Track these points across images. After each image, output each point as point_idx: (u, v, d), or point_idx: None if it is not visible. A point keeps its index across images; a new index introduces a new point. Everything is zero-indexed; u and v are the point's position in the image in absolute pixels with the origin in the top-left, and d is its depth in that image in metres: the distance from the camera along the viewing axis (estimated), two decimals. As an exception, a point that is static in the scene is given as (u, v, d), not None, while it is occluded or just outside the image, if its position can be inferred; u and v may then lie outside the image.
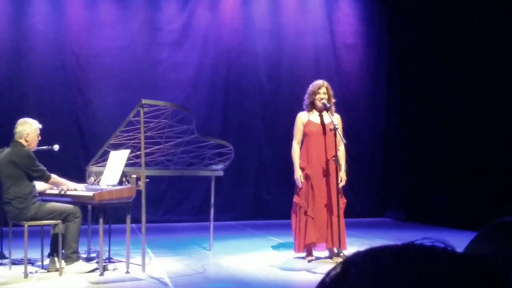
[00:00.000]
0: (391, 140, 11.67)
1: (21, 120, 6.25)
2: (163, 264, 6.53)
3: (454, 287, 0.60)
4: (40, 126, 6.29)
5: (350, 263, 0.66)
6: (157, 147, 6.99)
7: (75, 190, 6.18)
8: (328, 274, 0.68)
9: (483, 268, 0.62)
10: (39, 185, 6.17)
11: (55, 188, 6.27)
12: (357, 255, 0.67)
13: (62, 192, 6.19)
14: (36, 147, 6.27)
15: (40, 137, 6.31)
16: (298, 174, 6.55)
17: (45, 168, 6.06)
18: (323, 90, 6.60)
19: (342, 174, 6.53)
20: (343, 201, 6.54)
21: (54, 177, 6.15)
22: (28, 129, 6.16)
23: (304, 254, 6.61)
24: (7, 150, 6.17)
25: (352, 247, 6.62)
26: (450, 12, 10.03)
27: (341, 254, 6.26)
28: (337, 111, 6.76)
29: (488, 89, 9.29)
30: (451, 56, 10.04)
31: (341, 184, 6.47)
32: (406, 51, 11.24)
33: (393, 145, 11.62)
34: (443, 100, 10.27)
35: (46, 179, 6.07)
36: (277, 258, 6.91)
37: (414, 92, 11.01)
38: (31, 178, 6.02)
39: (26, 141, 6.11)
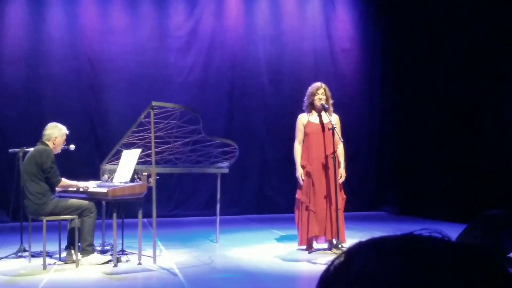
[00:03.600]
0: (386, 139, 11.67)
1: (51, 124, 6.29)
2: (172, 256, 6.55)
3: (454, 275, 0.60)
4: (67, 132, 6.33)
5: (353, 252, 0.67)
6: (167, 146, 7.00)
7: (87, 188, 6.21)
8: (332, 263, 0.68)
9: (479, 257, 0.63)
10: None
11: (72, 187, 6.28)
12: (360, 244, 0.68)
13: (81, 189, 6.21)
14: (60, 151, 6.30)
15: (65, 143, 6.36)
16: (300, 172, 6.56)
17: (58, 173, 6.05)
18: (321, 91, 6.60)
19: (342, 171, 6.54)
20: (342, 196, 6.54)
21: (64, 181, 6.14)
22: (57, 133, 6.21)
23: (306, 246, 6.60)
24: (32, 149, 6.20)
25: (350, 239, 6.63)
26: (442, 18, 10.04)
27: (340, 246, 6.26)
28: (335, 111, 6.76)
29: (476, 92, 9.30)
30: (442, 60, 10.05)
31: (340, 180, 6.48)
32: (400, 55, 11.25)
33: (388, 143, 11.62)
34: (434, 102, 10.28)
35: (54, 182, 6.04)
36: (280, 249, 6.92)
37: (407, 94, 11.02)
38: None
39: (53, 143, 6.16)
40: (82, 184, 6.28)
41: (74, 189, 6.23)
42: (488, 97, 9.10)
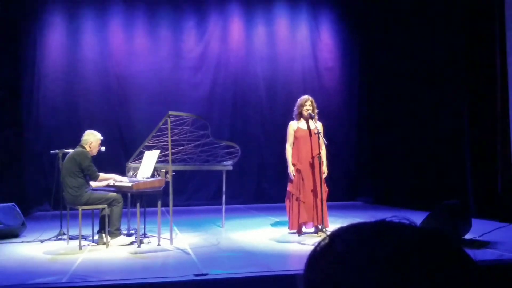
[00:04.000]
0: (362, 141, 11.67)
1: (88, 131, 6.33)
2: (186, 238, 6.53)
3: (419, 254, 0.60)
4: (101, 138, 6.33)
5: (336, 235, 0.67)
6: (181, 148, 7.01)
7: (121, 181, 6.22)
8: (318, 244, 0.68)
9: (439, 239, 0.63)
10: (93, 182, 6.20)
11: (107, 182, 6.29)
12: (341, 229, 0.68)
13: (111, 183, 6.23)
14: (96, 154, 6.30)
15: (100, 147, 6.35)
16: (291, 169, 6.55)
17: (96, 169, 6.09)
18: (308, 103, 6.59)
19: (325, 168, 6.52)
20: (325, 189, 6.52)
21: (102, 175, 6.17)
22: (92, 139, 6.23)
23: (295, 230, 6.60)
24: (72, 151, 6.24)
25: (333, 224, 6.63)
26: (407, 43, 10.08)
27: (324, 230, 6.26)
28: (319, 119, 6.75)
29: (435, 99, 9.33)
30: (406, 76, 10.10)
31: (323, 176, 6.47)
32: (373, 73, 11.28)
33: (364, 145, 11.62)
34: (400, 109, 10.32)
35: (94, 178, 6.09)
36: (275, 233, 6.90)
37: (379, 104, 11.04)
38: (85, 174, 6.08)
39: (89, 147, 6.18)
40: (118, 178, 6.29)
41: (107, 183, 6.23)
42: (445, 105, 9.12)
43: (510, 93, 7.46)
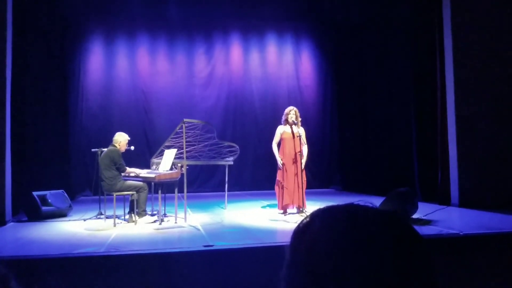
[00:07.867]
0: (333, 141, 11.66)
1: (118, 133, 6.36)
2: (197, 217, 6.53)
3: (379, 230, 0.61)
4: (129, 138, 6.34)
5: (315, 215, 0.67)
6: (193, 147, 7.00)
7: (142, 173, 6.21)
8: (301, 222, 0.69)
9: (394, 217, 0.64)
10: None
11: (132, 174, 6.28)
12: (319, 210, 0.68)
13: (136, 175, 6.21)
14: (124, 150, 6.30)
15: (128, 145, 6.35)
16: (280, 162, 6.56)
17: (124, 164, 6.09)
18: (292, 112, 6.61)
19: (303, 161, 6.51)
20: (304, 179, 6.52)
21: (129, 169, 6.18)
22: (121, 138, 6.23)
23: (282, 211, 6.60)
24: (106, 149, 6.23)
25: (311, 206, 6.64)
26: (369, 66, 10.10)
27: (304, 211, 6.27)
28: (302, 125, 6.76)
29: (390, 109, 9.35)
30: (368, 91, 10.12)
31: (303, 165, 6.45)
32: (342, 89, 11.30)
33: (335, 145, 11.62)
34: (363, 117, 10.34)
35: (122, 171, 6.08)
36: (266, 213, 6.91)
37: (346, 112, 11.07)
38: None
39: (119, 145, 6.18)
40: (137, 171, 6.28)
41: (134, 174, 6.23)
42: (398, 114, 9.15)
43: (448, 104, 7.49)
